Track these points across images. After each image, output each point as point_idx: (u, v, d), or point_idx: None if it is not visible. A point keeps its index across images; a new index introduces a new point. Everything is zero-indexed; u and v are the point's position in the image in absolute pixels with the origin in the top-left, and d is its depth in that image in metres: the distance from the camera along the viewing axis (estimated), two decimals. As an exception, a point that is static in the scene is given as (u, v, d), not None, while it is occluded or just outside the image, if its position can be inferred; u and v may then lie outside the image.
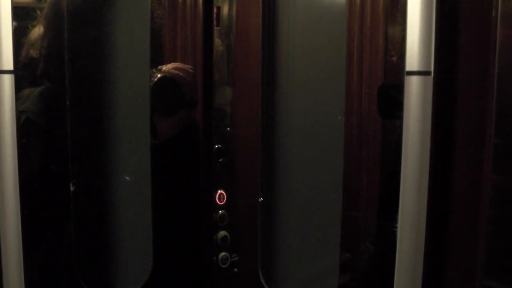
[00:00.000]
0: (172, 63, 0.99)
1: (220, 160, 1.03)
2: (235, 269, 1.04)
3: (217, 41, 1.01)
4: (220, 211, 1.03)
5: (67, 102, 0.98)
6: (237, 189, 1.04)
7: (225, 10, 1.01)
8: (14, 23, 0.96)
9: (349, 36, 0.88)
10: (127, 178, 1.00)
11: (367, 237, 0.91)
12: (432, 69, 0.81)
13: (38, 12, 0.99)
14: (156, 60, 0.98)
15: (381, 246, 0.89)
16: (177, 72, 0.99)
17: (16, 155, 0.96)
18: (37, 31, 0.99)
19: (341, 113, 0.89)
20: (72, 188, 0.98)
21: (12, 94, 0.96)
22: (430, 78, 0.81)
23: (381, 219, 0.88)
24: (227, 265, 1.03)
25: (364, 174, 0.91)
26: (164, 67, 0.99)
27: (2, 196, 0.96)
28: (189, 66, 0.99)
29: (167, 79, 0.98)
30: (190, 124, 1.02)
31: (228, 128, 1.02)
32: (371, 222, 0.90)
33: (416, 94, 0.81)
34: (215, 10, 1.00)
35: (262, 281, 1.01)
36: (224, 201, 1.04)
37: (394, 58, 0.84)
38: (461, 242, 0.89)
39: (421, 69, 0.81)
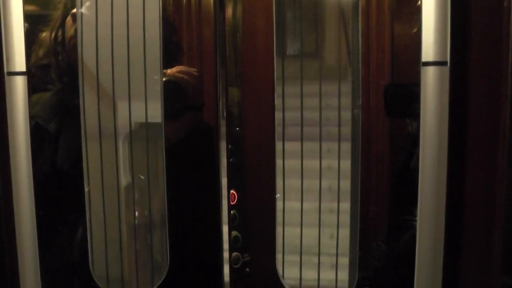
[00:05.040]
0: (176, 67, 0.98)
1: (231, 160, 1.02)
2: (247, 269, 1.03)
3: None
4: (231, 211, 1.02)
5: (79, 105, 0.98)
6: (248, 189, 1.03)
7: (232, 10, 1.00)
8: (26, 25, 0.97)
9: (364, 28, 0.88)
10: (142, 177, 1.00)
11: (385, 233, 0.90)
12: (448, 59, 0.80)
13: (50, 14, 1.00)
14: (169, 61, 0.98)
15: (400, 242, 0.88)
16: (181, 75, 0.98)
17: (30, 156, 0.96)
18: (49, 33, 1.00)
19: (357, 107, 0.88)
20: (87, 189, 0.98)
21: (25, 95, 0.97)
22: (447, 69, 0.81)
23: (399, 214, 0.87)
24: (238, 265, 1.02)
25: (381, 168, 0.90)
26: (169, 71, 0.98)
27: (17, 198, 0.97)
28: (194, 69, 0.99)
29: (172, 83, 0.98)
30: (198, 127, 1.02)
31: (238, 128, 1.02)
32: (389, 217, 0.89)
33: (433, 85, 0.80)
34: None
35: (282, 281, 0.99)
36: (235, 201, 1.03)
37: (409, 49, 0.84)
38: (475, 238, 0.88)
39: (437, 59, 0.80)
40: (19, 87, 0.97)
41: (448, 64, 0.80)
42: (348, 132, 0.93)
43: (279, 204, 1.00)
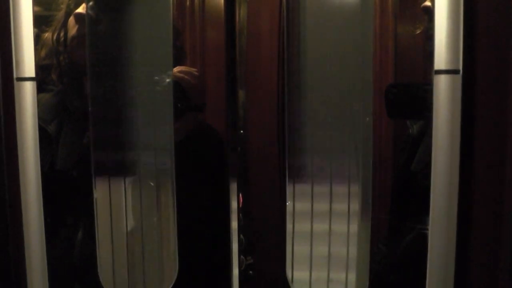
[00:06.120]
0: (177, 67, 0.98)
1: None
2: (250, 272, 1.03)
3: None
4: (239, 215, 1.02)
5: (80, 106, 0.98)
6: (253, 192, 1.03)
7: (236, 13, 1.00)
8: (36, 31, 0.97)
9: (375, 35, 0.88)
10: (151, 184, 0.99)
11: (397, 239, 0.90)
12: (460, 68, 0.81)
13: (53, 15, 1.00)
14: (178, 62, 0.98)
15: (412, 248, 0.88)
16: (182, 75, 0.98)
17: (38, 160, 0.97)
18: (51, 34, 1.00)
19: (368, 114, 0.88)
20: (95, 196, 0.98)
21: (34, 100, 0.97)
22: (459, 77, 0.81)
23: (411, 220, 0.87)
24: (242, 267, 1.02)
25: (393, 174, 0.90)
26: None
27: (25, 200, 0.98)
28: (194, 69, 0.98)
29: (172, 83, 0.97)
30: (199, 127, 1.02)
31: (242, 131, 1.02)
32: (400, 223, 0.90)
33: (445, 93, 0.81)
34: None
35: (290, 284, 1.00)
36: (241, 204, 1.03)
37: (422, 57, 0.84)
38: (484, 244, 0.88)
39: (449, 67, 0.81)
40: (28, 92, 0.97)
41: (461, 73, 0.81)
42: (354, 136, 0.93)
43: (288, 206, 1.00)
